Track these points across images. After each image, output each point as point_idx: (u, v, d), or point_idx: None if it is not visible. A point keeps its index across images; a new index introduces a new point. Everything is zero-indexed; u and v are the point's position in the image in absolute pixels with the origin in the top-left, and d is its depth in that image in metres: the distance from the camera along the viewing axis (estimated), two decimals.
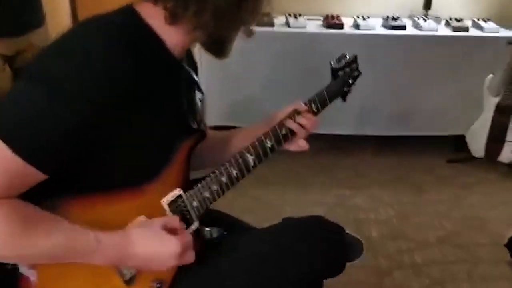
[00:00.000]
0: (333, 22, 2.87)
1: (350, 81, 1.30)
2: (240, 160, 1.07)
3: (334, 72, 1.27)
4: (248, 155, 1.08)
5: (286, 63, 2.81)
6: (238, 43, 1.02)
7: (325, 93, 1.22)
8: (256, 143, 1.10)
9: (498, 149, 2.84)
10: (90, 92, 0.79)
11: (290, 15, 2.91)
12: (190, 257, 0.94)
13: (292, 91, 2.71)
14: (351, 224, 2.36)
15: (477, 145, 2.89)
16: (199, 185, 1.03)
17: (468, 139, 2.93)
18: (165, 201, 0.98)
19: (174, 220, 0.96)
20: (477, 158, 2.90)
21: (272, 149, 1.12)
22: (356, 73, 1.31)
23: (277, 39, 2.76)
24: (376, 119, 2.99)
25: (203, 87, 1.10)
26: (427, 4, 3.08)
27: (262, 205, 2.47)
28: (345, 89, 1.29)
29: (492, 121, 2.82)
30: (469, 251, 2.22)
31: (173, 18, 0.88)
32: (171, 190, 0.99)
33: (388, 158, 3.00)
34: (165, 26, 0.90)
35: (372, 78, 2.86)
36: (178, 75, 0.99)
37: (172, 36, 0.92)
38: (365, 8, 3.05)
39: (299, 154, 1.21)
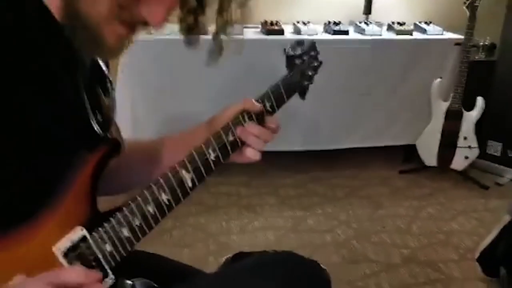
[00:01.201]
0: (271, 28, 2.63)
1: (310, 73, 1.02)
2: (173, 180, 0.76)
3: (290, 60, 0.99)
4: (184, 172, 0.78)
5: (223, 71, 2.53)
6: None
7: (281, 86, 0.94)
8: (195, 154, 0.79)
9: (450, 156, 2.69)
10: None
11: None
12: None
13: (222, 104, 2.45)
14: (307, 249, 2.08)
15: (429, 153, 2.74)
16: (113, 221, 0.70)
17: (418, 148, 2.77)
18: (60, 248, 0.65)
19: (71, 273, 0.63)
20: (429, 167, 2.75)
21: (216, 162, 0.82)
22: (316, 63, 1.04)
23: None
24: (322, 133, 2.77)
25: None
26: (367, 9, 2.93)
27: (204, 236, 2.14)
28: (305, 83, 1.02)
29: (443, 127, 2.68)
30: (439, 269, 2.00)
31: None
32: (69, 230, 0.66)
33: (339, 173, 2.78)
34: None
35: (315, 89, 2.65)
36: (70, 54, 0.67)
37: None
38: (304, 14, 2.85)
39: (240, 174, 0.93)
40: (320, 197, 2.52)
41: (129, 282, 0.74)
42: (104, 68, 0.75)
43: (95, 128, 0.71)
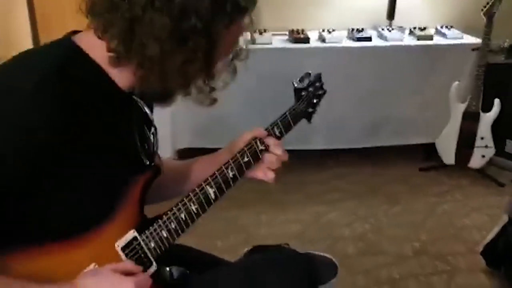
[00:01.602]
0: (298, 36, 2.85)
1: (315, 100, 1.25)
2: (200, 194, 1.02)
3: (297, 92, 1.22)
4: (208, 188, 1.03)
5: (252, 78, 2.77)
6: None
7: (288, 116, 1.17)
8: (217, 174, 1.05)
9: (468, 156, 2.85)
10: (23, 124, 0.76)
11: (255, 31, 2.88)
12: None
13: (262, 106, 2.70)
14: (327, 241, 2.32)
15: (447, 152, 2.90)
16: (156, 225, 0.97)
17: (438, 147, 2.94)
18: (119, 245, 0.92)
19: (127, 264, 0.90)
20: (448, 165, 2.91)
21: (234, 179, 1.07)
22: (320, 92, 1.26)
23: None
24: (346, 132, 2.98)
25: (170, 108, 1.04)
26: (391, 15, 3.09)
27: (236, 228, 2.41)
28: (310, 110, 1.24)
29: (460, 128, 2.84)
30: (447, 261, 2.20)
31: (115, 62, 0.83)
32: (125, 232, 0.93)
33: (361, 170, 2.98)
34: (106, 60, 0.85)
35: (340, 92, 2.87)
36: (128, 109, 0.94)
37: (114, 70, 0.87)
38: (329, 21, 3.04)
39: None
40: (342, 193, 2.74)
41: (167, 269, 1.00)
42: (149, 113, 1.01)
43: (143, 159, 0.97)
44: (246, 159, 1.09)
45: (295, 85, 1.24)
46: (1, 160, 0.75)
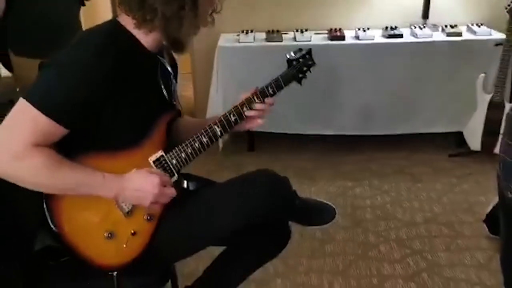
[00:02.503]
0: (335, 34, 3.22)
1: (305, 69, 1.62)
2: (209, 131, 1.46)
3: (289, 62, 1.61)
4: (216, 127, 1.47)
5: None
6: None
7: (280, 79, 1.56)
8: (222, 118, 1.48)
9: (494, 142, 3.06)
10: (89, 72, 1.23)
11: (297, 30, 3.30)
12: (169, 192, 1.33)
13: (298, 97, 3.10)
14: (348, 209, 2.67)
15: (474, 139, 3.13)
16: (177, 148, 1.42)
17: (465, 135, 3.18)
18: (151, 159, 1.38)
19: (157, 170, 1.36)
20: (475, 152, 3.14)
21: (235, 122, 1.49)
22: (310, 63, 1.63)
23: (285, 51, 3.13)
24: (380, 120, 3.29)
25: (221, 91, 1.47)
26: (425, 14, 3.38)
27: None
28: (300, 75, 1.62)
29: (486, 116, 3.06)
30: (453, 228, 2.48)
31: (139, 24, 1.30)
32: (156, 151, 1.39)
33: (393, 155, 3.29)
34: (135, 30, 1.32)
35: (374, 83, 3.21)
36: (153, 64, 1.40)
37: (143, 36, 1.33)
38: (368, 21, 3.38)
39: (310, 153, 1.52)
40: (370, 173, 3.07)
41: (185, 181, 1.45)
42: (170, 70, 1.46)
43: (167, 101, 1.43)
44: (245, 109, 1.50)
45: (288, 56, 1.63)
46: (77, 87, 1.23)
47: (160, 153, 1.39)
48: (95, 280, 1.43)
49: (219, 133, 1.47)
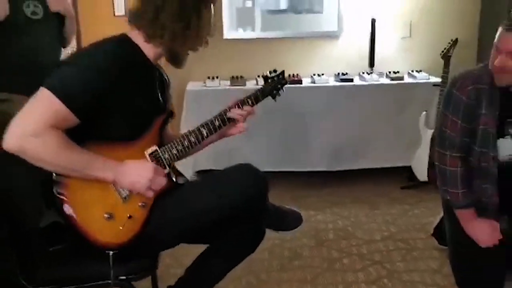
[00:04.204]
0: (293, 79, 3.57)
1: (279, 86, 1.89)
2: (197, 132, 1.67)
3: (266, 79, 1.88)
4: (203, 129, 1.68)
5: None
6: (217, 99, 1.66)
7: (258, 92, 1.82)
8: (209, 122, 1.70)
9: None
10: (102, 72, 1.45)
11: (258, 76, 3.63)
12: (161, 180, 1.51)
13: (268, 135, 3.37)
14: (312, 232, 2.87)
15: (421, 171, 3.45)
16: (169, 145, 1.62)
17: (413, 168, 3.51)
18: (147, 152, 1.57)
19: (152, 163, 1.54)
20: (423, 182, 3.45)
21: (219, 126, 1.72)
22: (283, 81, 1.91)
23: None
24: (340, 156, 3.59)
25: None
26: (371, 62, 3.81)
27: None
28: (274, 92, 1.88)
29: (430, 150, 3.41)
30: (408, 243, 2.72)
31: (149, 39, 1.54)
32: (151, 146, 1.58)
33: (351, 187, 3.55)
34: (144, 43, 1.55)
35: (332, 124, 3.54)
36: (153, 73, 1.63)
37: (148, 49, 1.57)
38: (321, 69, 3.77)
39: (274, 189, 1.75)
40: (331, 203, 3.31)
41: (174, 174, 1.64)
42: (167, 79, 1.70)
43: (162, 105, 1.65)
44: (227, 116, 1.73)
45: (265, 74, 1.90)
46: (91, 83, 1.43)
47: (154, 147, 1.59)
48: (90, 265, 1.57)
49: (205, 134, 1.69)
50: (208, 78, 3.64)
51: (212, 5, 1.60)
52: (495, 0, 3.40)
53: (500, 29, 1.95)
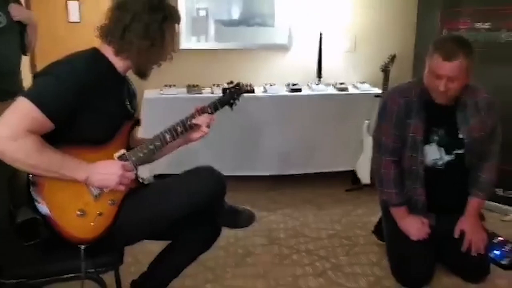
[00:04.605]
0: (246, 88, 3.77)
1: (235, 96, 2.09)
2: (161, 137, 1.84)
3: (224, 90, 2.09)
4: (166, 134, 1.86)
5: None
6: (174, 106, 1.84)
7: (217, 102, 2.02)
8: (172, 128, 1.87)
9: None
10: (76, 82, 1.59)
11: (214, 85, 3.82)
12: (130, 175, 1.68)
13: (221, 141, 3.56)
14: (264, 231, 3.08)
15: (364, 175, 3.74)
16: (135, 149, 1.78)
17: (357, 171, 3.79)
18: (116, 155, 1.73)
19: (121, 162, 1.71)
20: (366, 185, 3.74)
21: (181, 132, 1.90)
22: (240, 92, 2.11)
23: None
24: (290, 161, 3.83)
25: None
26: (319, 74, 4.08)
27: None
28: (231, 101, 2.08)
29: (372, 155, 3.70)
30: (351, 239, 2.98)
31: (117, 53, 1.71)
32: (120, 149, 1.74)
33: (301, 190, 3.80)
34: (113, 57, 1.72)
35: (283, 130, 3.77)
36: (122, 84, 1.80)
37: (117, 62, 1.74)
38: (273, 79, 4.00)
39: (232, 193, 1.94)
40: (282, 204, 3.54)
41: (140, 174, 1.80)
42: (134, 89, 1.86)
43: (130, 112, 1.81)
44: (189, 123, 1.92)
45: (224, 86, 2.10)
46: (65, 92, 1.58)
47: (123, 151, 1.75)
48: (60, 259, 1.71)
49: (168, 139, 1.87)
50: (165, 86, 3.79)
51: (176, 25, 1.79)
52: (427, 21, 3.75)
53: (434, 56, 2.20)
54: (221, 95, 2.11)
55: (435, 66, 2.19)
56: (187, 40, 4.02)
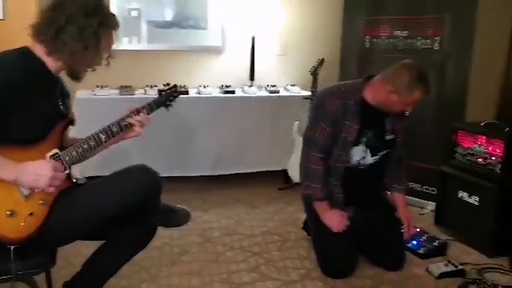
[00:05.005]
0: (180, 90, 3.80)
1: (171, 98, 2.12)
2: (96, 137, 1.85)
3: (160, 92, 2.12)
4: (101, 134, 1.86)
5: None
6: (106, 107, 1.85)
7: (152, 103, 2.04)
8: (107, 128, 1.88)
9: None
10: (4, 82, 1.58)
11: (147, 86, 3.81)
12: (61, 176, 1.67)
13: (154, 143, 3.56)
14: (199, 231, 3.13)
15: (295, 174, 3.88)
16: (69, 148, 1.78)
17: (288, 171, 3.93)
18: (48, 154, 1.72)
19: (53, 162, 1.70)
20: (297, 183, 3.89)
21: (117, 132, 1.91)
22: (175, 94, 2.14)
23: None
24: (223, 161, 3.90)
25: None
26: (252, 77, 4.18)
27: None
28: (167, 103, 2.11)
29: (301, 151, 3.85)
30: (283, 236, 3.10)
31: (49, 53, 1.70)
32: (52, 149, 1.73)
33: (234, 190, 3.88)
34: (45, 56, 1.71)
35: (216, 131, 3.83)
36: (55, 84, 1.79)
37: (49, 62, 1.73)
38: (206, 81, 4.06)
39: (166, 194, 1.98)
40: (215, 204, 3.61)
41: (74, 175, 1.80)
42: (67, 89, 1.85)
43: (63, 112, 1.80)
44: (124, 123, 1.94)
45: (159, 88, 2.14)
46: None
47: (55, 150, 1.75)
48: None
49: (103, 139, 1.87)
50: (97, 86, 3.74)
51: (113, 31, 1.80)
52: (352, 28, 3.97)
53: (416, 92, 2.37)
54: (155, 96, 2.14)
55: (417, 99, 2.40)
56: (118, 40, 3.98)
